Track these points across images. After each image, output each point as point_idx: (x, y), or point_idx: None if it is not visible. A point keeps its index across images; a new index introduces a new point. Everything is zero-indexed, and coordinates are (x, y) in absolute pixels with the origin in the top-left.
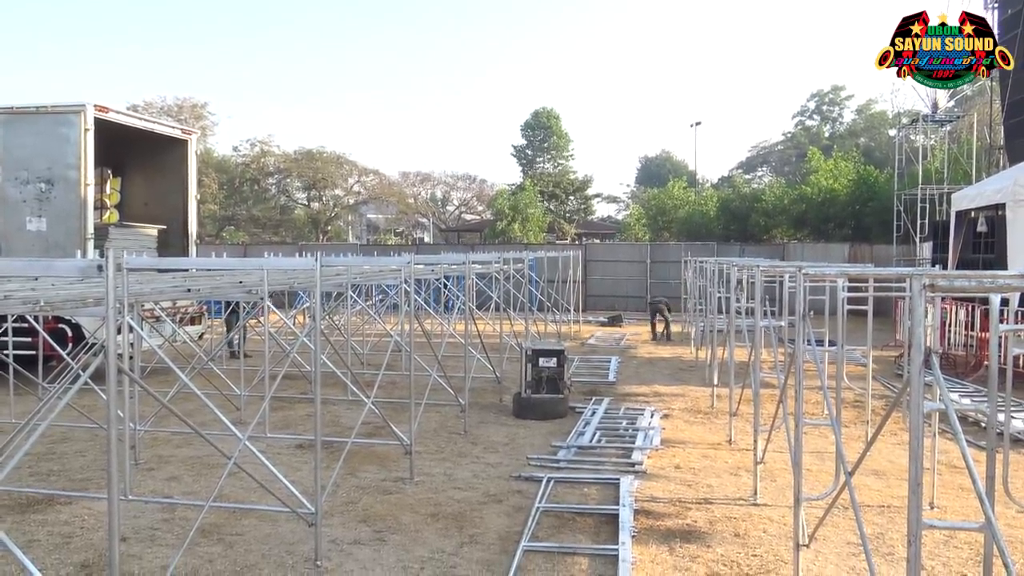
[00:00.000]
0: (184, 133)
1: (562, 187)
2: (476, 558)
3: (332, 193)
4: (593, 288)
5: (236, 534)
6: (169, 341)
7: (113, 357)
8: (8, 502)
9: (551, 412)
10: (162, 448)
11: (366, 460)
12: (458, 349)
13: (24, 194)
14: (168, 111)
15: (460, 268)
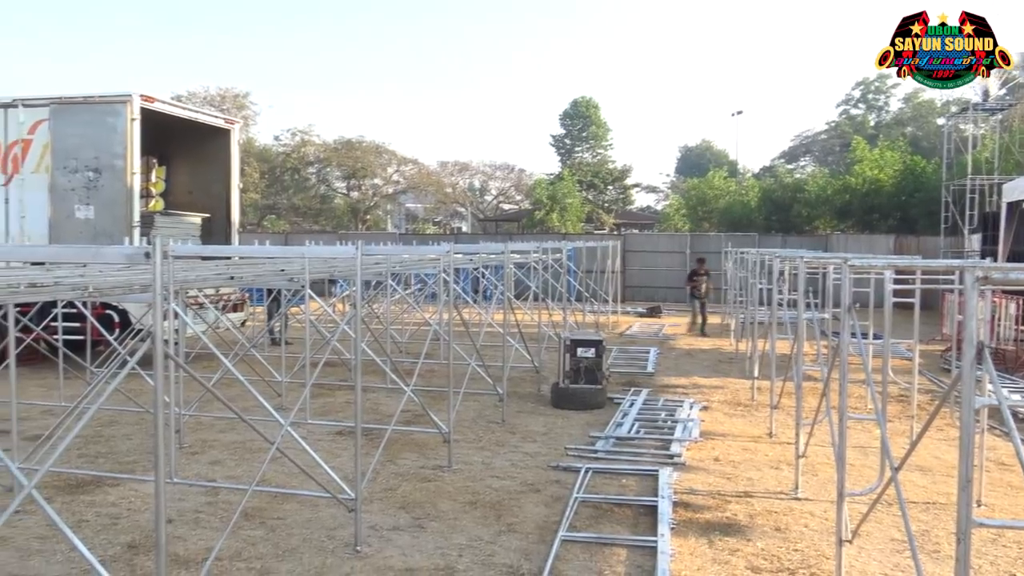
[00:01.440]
0: (227, 123)
1: (601, 177)
2: (514, 547)
3: (371, 182)
4: (632, 279)
5: (278, 518)
6: (212, 328)
7: (160, 343)
8: (58, 483)
9: (589, 402)
10: (205, 432)
11: (405, 447)
12: (496, 338)
13: (73, 183)
14: (211, 101)
15: (499, 257)
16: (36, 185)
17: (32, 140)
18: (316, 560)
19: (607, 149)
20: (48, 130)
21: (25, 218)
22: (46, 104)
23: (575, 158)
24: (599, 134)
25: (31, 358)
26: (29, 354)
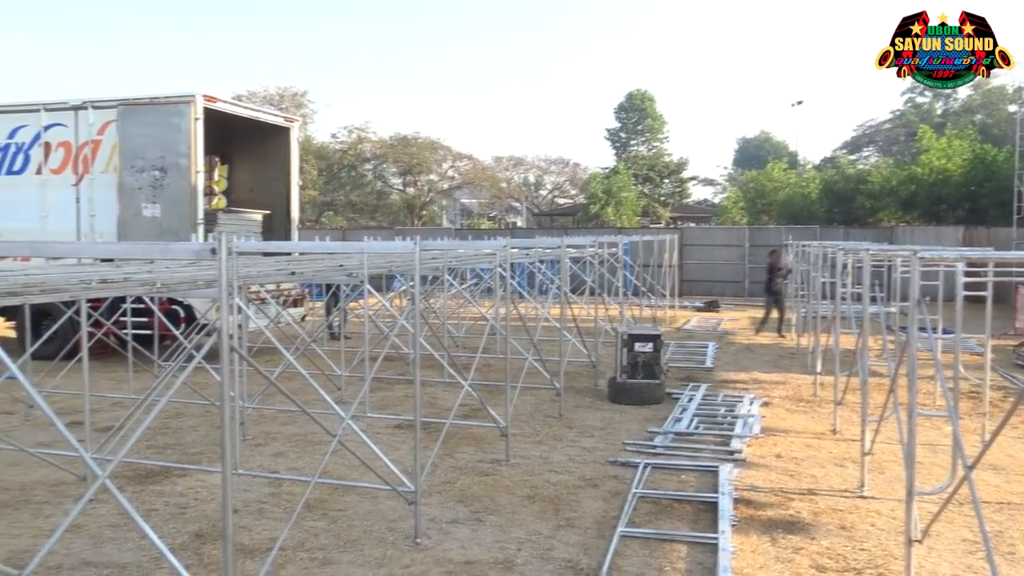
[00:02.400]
0: (287, 121)
1: (656, 170)
2: (573, 541)
3: (427, 178)
4: (689, 273)
5: (339, 510)
6: (274, 322)
7: (227, 337)
8: (129, 473)
9: (647, 397)
10: (268, 425)
11: (463, 441)
12: (553, 333)
13: (140, 182)
14: (270, 100)
15: (555, 252)
16: (105, 184)
17: (101, 141)
18: (377, 551)
19: (663, 142)
20: (116, 131)
21: (95, 216)
22: (114, 106)
23: (630, 151)
24: (655, 127)
25: (102, 352)
26: (100, 348)
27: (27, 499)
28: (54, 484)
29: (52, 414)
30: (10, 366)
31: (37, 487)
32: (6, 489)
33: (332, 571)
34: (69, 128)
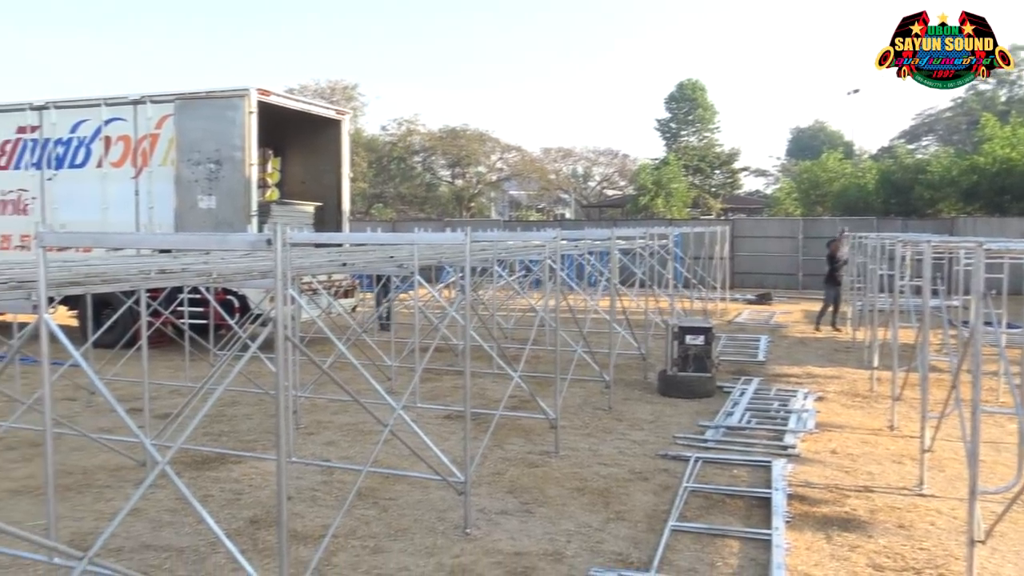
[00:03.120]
0: (338, 114)
1: (707, 161)
2: (623, 535)
3: (475, 170)
4: (741, 265)
5: (389, 499)
6: (325, 313)
7: (282, 327)
8: (186, 459)
9: (697, 391)
10: (320, 414)
11: (512, 432)
12: (602, 325)
13: (196, 174)
14: (321, 93)
15: (604, 243)
16: (163, 177)
17: (159, 135)
18: (427, 541)
19: (714, 132)
20: (173, 125)
21: (153, 208)
22: (172, 100)
23: (681, 142)
24: (706, 117)
25: (159, 341)
26: (158, 337)
27: (89, 483)
28: (115, 469)
29: (114, 401)
30: (73, 354)
31: (99, 471)
32: (69, 473)
33: (383, 559)
34: (128, 122)
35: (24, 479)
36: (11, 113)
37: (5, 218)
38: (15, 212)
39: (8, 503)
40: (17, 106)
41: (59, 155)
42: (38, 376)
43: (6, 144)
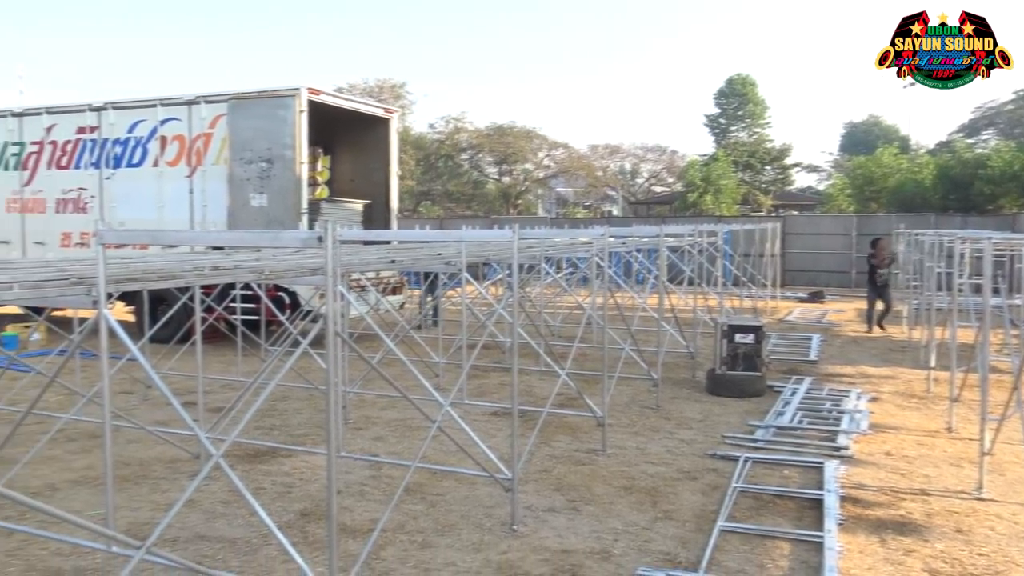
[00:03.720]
0: (387, 112)
1: (758, 157)
2: (671, 534)
3: (522, 167)
4: (792, 262)
5: (437, 494)
6: (374, 308)
7: (333, 324)
8: (239, 452)
9: (747, 390)
10: (368, 409)
11: (559, 430)
12: (650, 323)
13: (248, 173)
14: (370, 92)
15: (653, 241)
16: (216, 176)
17: (212, 134)
18: (474, 537)
19: (764, 128)
20: (226, 124)
21: (207, 206)
22: (225, 100)
23: (730, 138)
24: (756, 112)
25: (212, 336)
26: (211, 332)
27: (145, 474)
28: (170, 461)
29: (170, 395)
30: (131, 348)
31: (154, 463)
32: (126, 464)
33: (431, 554)
34: (183, 122)
35: (83, 470)
36: (71, 114)
37: (66, 216)
38: (75, 210)
39: (69, 493)
40: (77, 107)
41: (117, 155)
42: (97, 370)
43: (67, 144)
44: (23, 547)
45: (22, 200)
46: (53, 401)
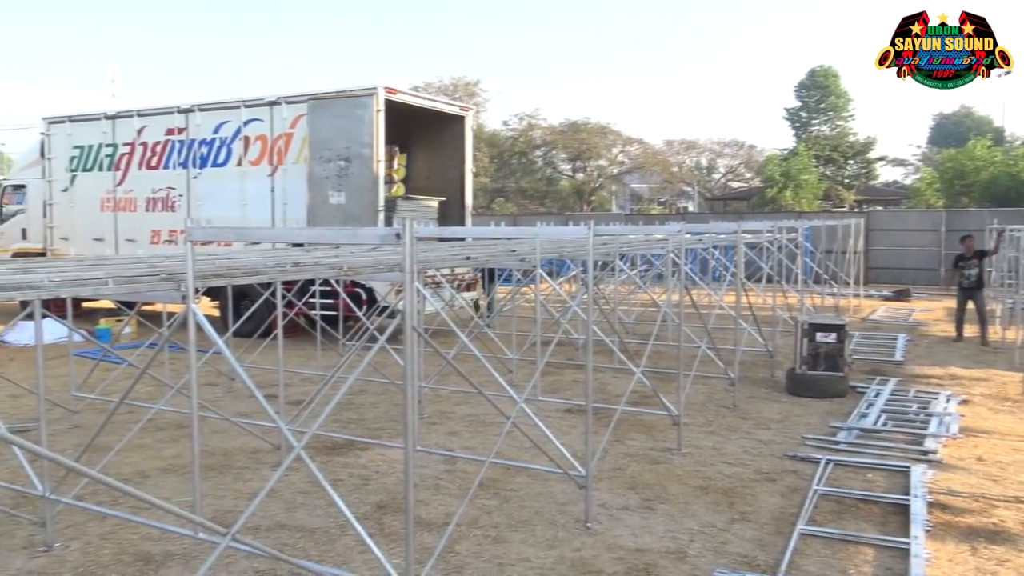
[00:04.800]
0: (462, 110)
1: (840, 151)
2: (748, 536)
3: (596, 163)
4: (876, 259)
5: (510, 490)
6: (449, 305)
7: (411, 319)
8: (317, 444)
9: (828, 390)
10: (443, 404)
11: (633, 428)
12: (727, 321)
13: (327, 171)
14: (444, 90)
15: (730, 237)
16: (296, 174)
17: (293, 134)
18: (548, 533)
19: (848, 121)
20: (306, 124)
21: (288, 204)
22: (305, 100)
23: (811, 131)
24: (839, 105)
25: (292, 331)
26: (290, 327)
27: (229, 464)
28: (252, 451)
29: (254, 388)
30: (217, 342)
31: (237, 453)
32: (211, 454)
33: (504, 549)
34: (265, 123)
35: (171, 458)
36: (161, 116)
37: (155, 215)
38: (164, 209)
39: (158, 480)
40: (166, 109)
41: (203, 155)
42: (184, 362)
43: (156, 145)
44: (116, 531)
45: (115, 199)
46: (143, 392)
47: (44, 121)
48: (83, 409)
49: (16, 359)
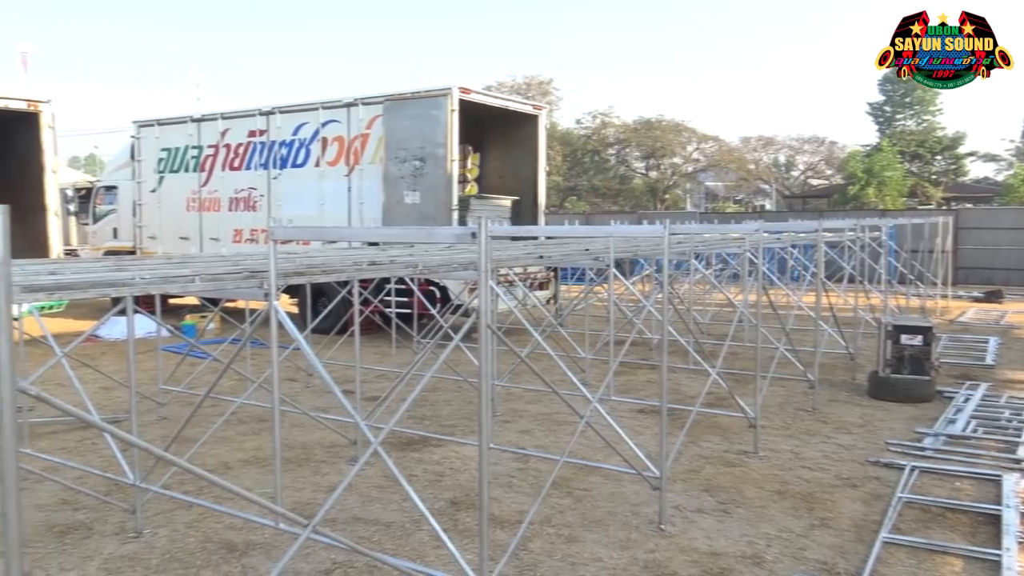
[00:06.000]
0: (535, 109)
1: (927, 146)
2: (828, 543)
3: (670, 161)
4: (965, 259)
5: (583, 489)
6: (522, 303)
7: (486, 317)
8: (392, 440)
9: (914, 395)
10: (515, 403)
11: (707, 430)
12: (806, 322)
13: (402, 171)
14: (517, 89)
15: (810, 236)
16: (372, 174)
17: (369, 134)
18: (621, 534)
19: (935, 115)
20: (382, 124)
21: (364, 204)
22: (381, 101)
23: (896, 127)
24: (926, 98)
25: (367, 328)
26: (366, 324)
27: (308, 457)
28: (329, 445)
29: (332, 384)
30: (298, 339)
31: (315, 447)
32: (290, 447)
33: (577, 548)
34: (342, 124)
35: (253, 450)
36: (244, 119)
37: (237, 214)
38: (246, 208)
39: (240, 471)
40: (248, 112)
41: (283, 156)
42: (264, 358)
43: (239, 147)
44: (201, 520)
45: (200, 199)
46: (226, 386)
47: (134, 124)
48: (169, 402)
49: (108, 353)
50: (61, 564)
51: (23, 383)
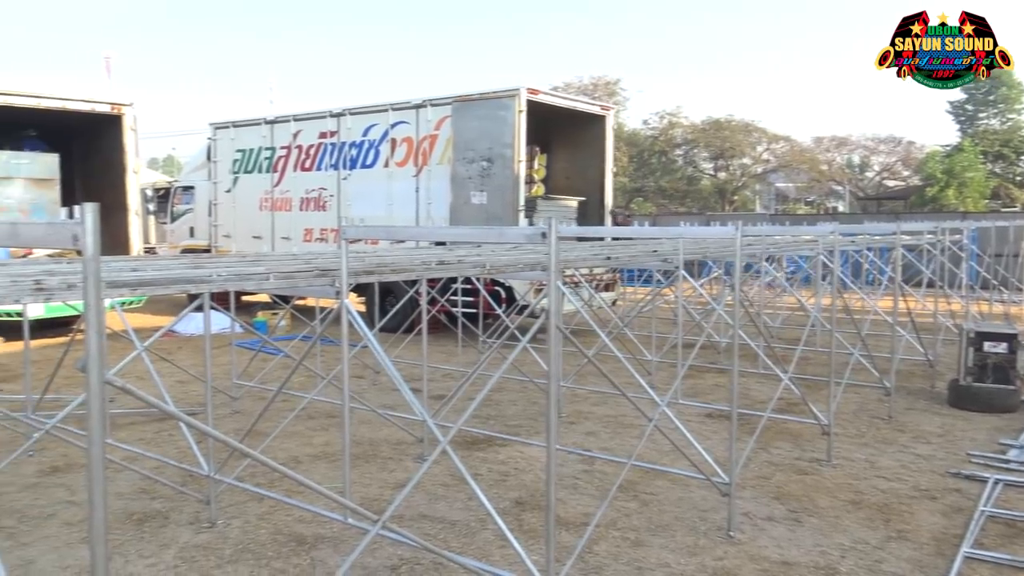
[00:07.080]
0: (602, 110)
1: (1012, 146)
2: (905, 556)
3: (739, 162)
4: None
5: (649, 493)
6: (588, 304)
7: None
8: (457, 439)
9: (997, 404)
10: (581, 404)
11: (778, 436)
12: (882, 327)
13: (469, 172)
14: (584, 90)
15: (887, 239)
16: (440, 175)
17: (437, 135)
18: (688, 539)
19: (1021, 113)
20: (450, 125)
21: (431, 204)
22: (449, 103)
23: (978, 126)
24: (1011, 96)
25: (433, 327)
26: (432, 323)
27: (375, 453)
28: (396, 442)
29: (401, 382)
30: (368, 337)
31: (382, 443)
32: (358, 444)
33: (643, 553)
34: (411, 125)
35: (322, 446)
36: (315, 120)
37: (308, 214)
38: (316, 208)
39: (309, 466)
40: (319, 114)
41: (352, 157)
42: (333, 355)
43: (310, 148)
44: (272, 512)
45: (272, 199)
46: (296, 382)
47: (210, 126)
48: (242, 396)
49: (184, 348)
50: (140, 551)
51: (109, 375)
